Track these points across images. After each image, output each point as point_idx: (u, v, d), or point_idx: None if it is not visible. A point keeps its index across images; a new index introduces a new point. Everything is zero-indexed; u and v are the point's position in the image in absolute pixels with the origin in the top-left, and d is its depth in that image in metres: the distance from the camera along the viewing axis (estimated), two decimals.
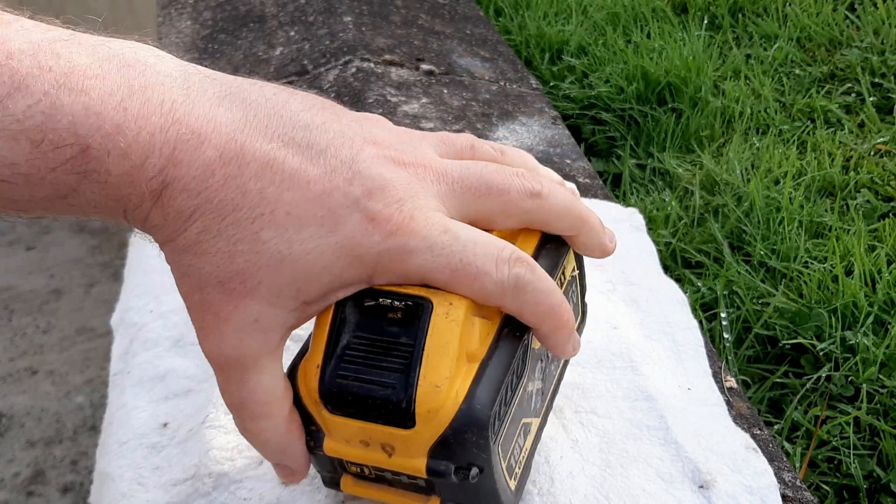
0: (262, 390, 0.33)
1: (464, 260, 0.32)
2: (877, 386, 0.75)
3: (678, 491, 0.40)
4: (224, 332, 0.32)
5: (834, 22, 1.40)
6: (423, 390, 0.31)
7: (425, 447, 0.31)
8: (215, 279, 0.31)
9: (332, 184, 0.31)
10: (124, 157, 0.29)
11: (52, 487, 1.28)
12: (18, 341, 1.59)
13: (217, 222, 0.31)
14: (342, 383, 0.32)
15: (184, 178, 0.30)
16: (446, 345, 0.31)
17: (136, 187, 0.30)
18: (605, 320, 0.50)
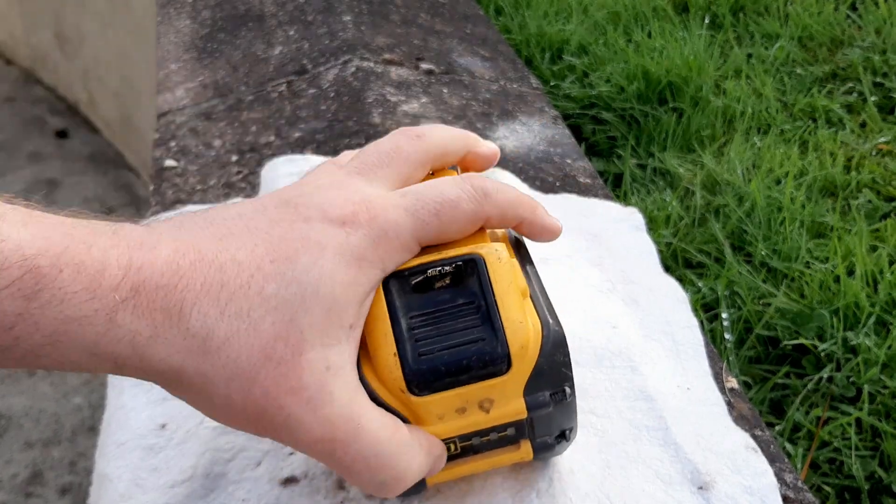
0: (380, 425, 0.31)
1: (438, 199, 0.33)
2: (878, 387, 0.75)
3: (678, 492, 0.40)
4: (312, 400, 0.30)
5: (835, 21, 1.40)
6: (511, 330, 0.32)
7: (521, 387, 0.33)
8: (259, 358, 0.29)
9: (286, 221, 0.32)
10: (79, 272, 0.27)
11: (51, 488, 1.28)
12: None
13: (214, 305, 0.29)
14: (429, 359, 0.32)
15: (152, 278, 0.29)
16: (509, 286, 0.33)
17: (101, 300, 0.28)
18: (604, 320, 0.50)
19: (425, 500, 0.39)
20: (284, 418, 0.30)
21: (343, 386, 0.30)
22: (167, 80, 0.87)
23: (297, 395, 0.29)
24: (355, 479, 0.32)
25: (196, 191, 0.67)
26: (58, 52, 2.68)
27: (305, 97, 0.79)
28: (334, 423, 0.30)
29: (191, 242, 0.30)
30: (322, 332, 0.30)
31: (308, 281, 0.30)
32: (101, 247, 0.28)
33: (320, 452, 0.31)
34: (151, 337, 0.29)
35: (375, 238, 0.32)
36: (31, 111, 2.70)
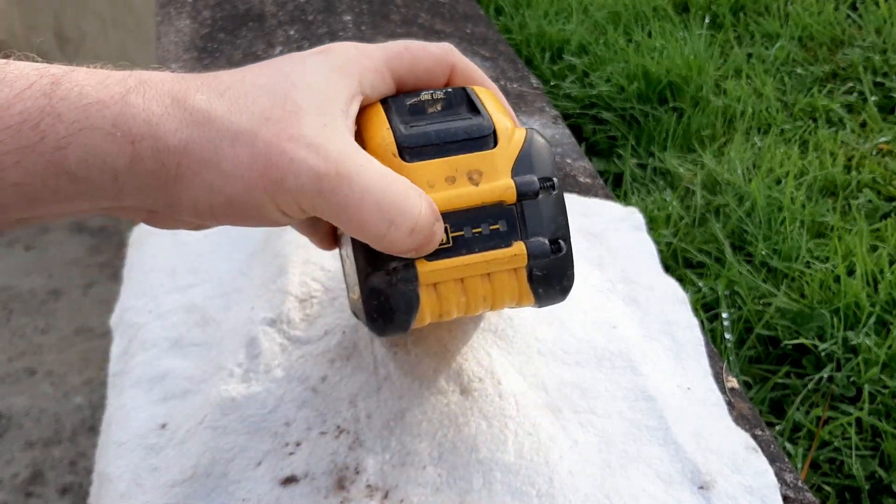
0: (383, 168, 0.33)
1: (406, 42, 0.37)
2: (879, 386, 0.75)
3: (678, 492, 0.40)
4: (312, 144, 0.31)
5: (836, 21, 1.40)
6: (495, 119, 0.36)
7: (509, 164, 0.35)
8: (259, 119, 0.32)
9: (276, 60, 0.35)
10: (89, 74, 0.31)
11: (51, 488, 1.28)
12: (17, 342, 1.59)
13: (214, 92, 0.32)
14: (420, 129, 0.35)
15: (155, 76, 0.32)
16: (494, 103, 0.37)
17: (113, 88, 0.31)
18: (604, 319, 0.50)
19: (424, 499, 0.39)
20: (288, 162, 0.31)
21: (342, 138, 0.32)
22: None
23: (298, 141, 0.31)
24: (363, 221, 0.32)
25: None
26: (58, 52, 2.68)
27: None
28: (338, 160, 0.31)
29: (184, 74, 0.34)
30: (317, 107, 0.32)
31: (296, 74, 0.33)
32: (103, 69, 0.32)
33: (328, 192, 0.31)
34: (162, 115, 0.31)
35: (350, 58, 0.35)
36: None
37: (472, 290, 0.36)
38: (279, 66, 0.34)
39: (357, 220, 0.32)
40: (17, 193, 0.30)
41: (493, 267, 0.35)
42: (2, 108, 0.29)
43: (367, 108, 0.36)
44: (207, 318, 0.52)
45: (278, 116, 0.32)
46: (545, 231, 0.36)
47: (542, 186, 0.35)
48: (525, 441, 0.41)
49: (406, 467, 0.40)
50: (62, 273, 1.81)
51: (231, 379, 0.46)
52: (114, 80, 0.31)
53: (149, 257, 0.58)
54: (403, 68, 0.37)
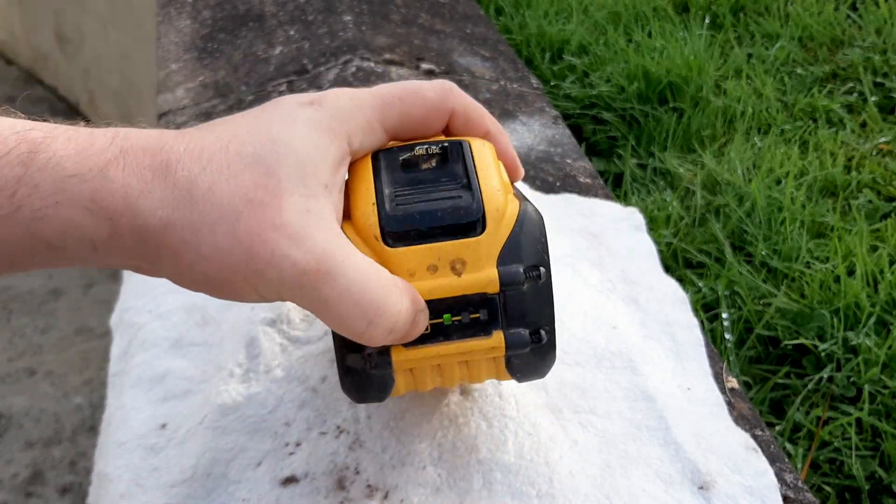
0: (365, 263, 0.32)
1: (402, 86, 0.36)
2: (879, 387, 0.75)
3: (678, 492, 0.40)
4: (294, 235, 0.30)
5: (836, 21, 1.40)
6: (487, 194, 0.33)
7: (495, 254, 0.33)
8: (241, 201, 0.30)
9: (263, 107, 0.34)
10: (70, 140, 0.30)
11: (51, 488, 1.28)
12: (17, 342, 1.59)
13: (197, 162, 0.31)
14: (405, 209, 0.33)
15: (138, 141, 0.31)
16: (489, 166, 0.34)
17: (93, 160, 0.30)
18: (604, 320, 0.50)
19: (424, 499, 0.39)
20: (269, 254, 0.30)
21: (325, 228, 0.31)
22: (168, 80, 0.87)
23: (281, 231, 0.30)
24: (343, 319, 0.31)
25: None
26: (58, 53, 2.68)
27: None
28: (319, 256, 0.30)
29: (172, 129, 0.33)
30: (299, 182, 0.31)
31: (282, 141, 0.32)
32: (85, 128, 0.31)
33: (307, 288, 0.31)
34: (142, 191, 0.30)
35: (340, 111, 0.34)
36: (32, 111, 2.69)
37: (449, 373, 0.36)
38: (267, 126, 0.33)
39: (336, 317, 0.31)
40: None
41: (471, 356, 0.35)
42: None
43: (357, 162, 0.35)
44: (207, 318, 0.52)
45: (260, 198, 0.30)
46: (527, 321, 0.34)
47: (528, 276, 0.33)
48: (525, 441, 0.41)
49: (406, 467, 0.40)
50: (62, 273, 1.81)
51: (231, 379, 0.46)
52: (95, 149, 0.30)
53: None
54: (396, 119, 0.35)
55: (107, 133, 0.31)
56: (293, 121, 0.33)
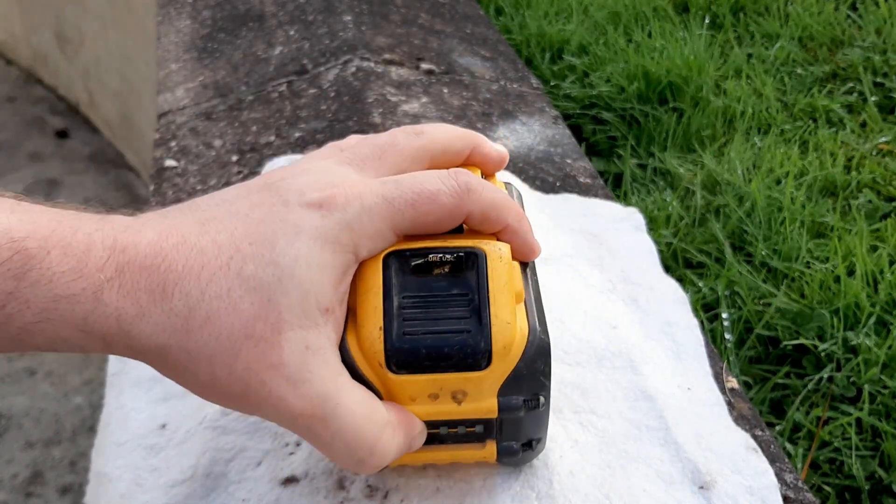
0: (361, 404, 0.32)
1: (415, 190, 0.33)
2: (879, 387, 0.75)
3: (678, 492, 0.40)
4: (292, 377, 0.30)
5: (836, 21, 1.40)
6: (497, 328, 0.32)
7: (496, 386, 0.33)
8: (240, 336, 0.30)
9: (266, 204, 0.32)
10: (65, 254, 0.29)
11: (51, 488, 1.28)
12: None
13: (196, 285, 0.30)
14: (412, 339, 0.32)
15: (136, 259, 0.30)
16: (504, 286, 0.33)
17: (87, 280, 0.29)
18: (604, 320, 0.50)
19: (424, 499, 0.39)
20: (266, 394, 0.30)
21: (323, 365, 0.31)
22: (167, 80, 0.87)
23: (278, 371, 0.30)
24: (334, 456, 0.32)
25: (196, 191, 0.67)
26: (58, 53, 2.68)
27: (306, 97, 0.79)
28: (314, 401, 0.30)
29: (174, 227, 0.31)
30: (300, 314, 0.31)
31: (285, 263, 0.31)
32: (86, 230, 0.30)
33: (301, 427, 0.31)
34: (137, 316, 0.29)
35: (349, 222, 0.32)
36: (32, 111, 2.70)
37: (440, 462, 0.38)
38: (272, 240, 0.31)
39: (329, 453, 0.32)
40: None
41: (461, 459, 0.36)
42: None
43: (367, 263, 0.34)
44: None
45: (260, 334, 0.30)
46: (521, 437, 0.36)
47: (527, 405, 0.34)
48: None
49: (406, 468, 0.40)
50: None
51: None
52: (90, 267, 0.29)
53: None
54: (408, 224, 0.34)
55: (104, 245, 0.29)
56: (298, 233, 0.31)
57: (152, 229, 0.31)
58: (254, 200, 0.33)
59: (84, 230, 0.29)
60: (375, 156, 0.36)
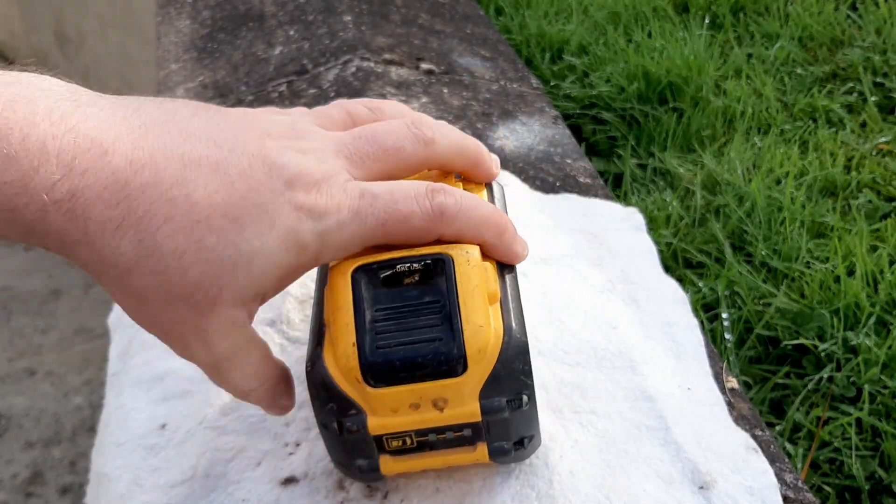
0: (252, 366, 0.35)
1: (388, 210, 0.34)
2: (879, 387, 0.75)
3: (678, 492, 0.40)
4: (209, 341, 0.33)
5: (836, 21, 1.40)
6: (470, 333, 0.33)
7: (476, 390, 0.33)
8: (178, 296, 0.30)
9: (254, 179, 0.32)
10: (11, 163, 0.26)
11: (51, 488, 1.28)
12: (17, 342, 1.58)
13: (152, 236, 0.29)
14: (385, 352, 0.32)
15: (93, 187, 0.28)
16: (475, 289, 0.33)
17: (33, 196, 0.27)
18: (604, 320, 0.50)
19: (424, 499, 0.39)
20: (182, 346, 0.33)
21: (239, 335, 0.33)
22: (167, 80, 0.87)
23: (199, 336, 0.32)
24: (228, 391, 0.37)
25: None
26: (58, 52, 2.68)
27: (306, 97, 0.79)
28: (218, 359, 0.34)
29: (150, 158, 0.29)
30: (238, 297, 0.32)
31: (245, 251, 0.31)
32: (39, 136, 0.27)
33: (207, 372, 0.35)
34: (80, 241, 0.28)
35: (321, 232, 0.33)
36: None
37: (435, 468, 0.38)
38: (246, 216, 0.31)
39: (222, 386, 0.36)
40: None
41: (454, 463, 0.37)
42: None
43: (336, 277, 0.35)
44: None
45: (196, 301, 0.31)
46: (511, 437, 0.36)
47: (511, 406, 0.34)
48: None
49: None
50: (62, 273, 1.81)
51: None
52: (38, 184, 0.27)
53: None
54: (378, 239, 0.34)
55: (60, 161, 0.27)
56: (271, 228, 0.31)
57: (121, 155, 0.29)
58: (244, 166, 0.32)
59: (37, 135, 0.27)
60: (376, 158, 0.36)
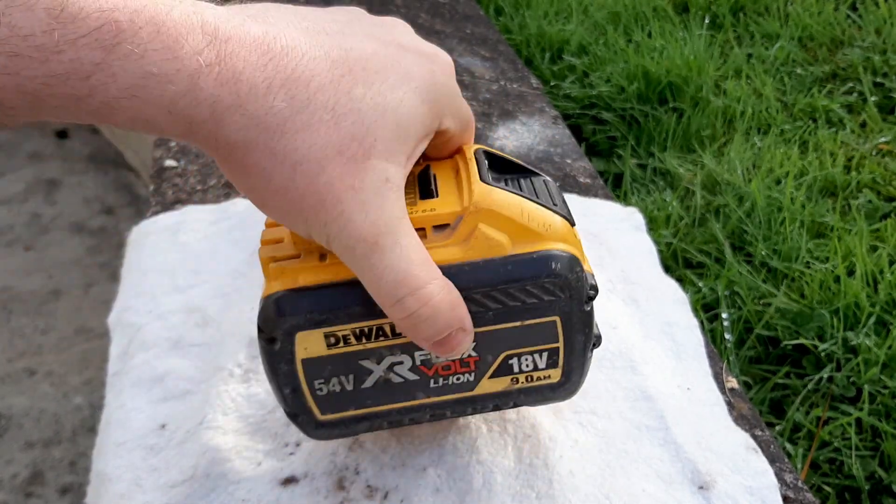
0: (418, 250, 0.32)
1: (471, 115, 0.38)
2: (878, 387, 0.75)
3: (678, 491, 0.40)
4: (366, 201, 0.31)
5: (836, 21, 1.40)
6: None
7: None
8: (333, 150, 0.30)
9: (378, 41, 0.33)
10: (159, 32, 0.27)
11: (51, 488, 1.28)
12: (17, 342, 1.58)
13: (303, 90, 0.30)
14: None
15: (239, 52, 0.29)
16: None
17: (184, 62, 0.27)
18: (604, 320, 0.50)
19: (424, 499, 0.39)
20: (338, 212, 0.30)
21: (395, 201, 0.32)
22: None
23: (357, 193, 0.30)
24: (379, 290, 0.32)
25: (196, 191, 0.67)
26: None
27: None
28: (380, 229, 0.31)
29: (282, 31, 0.30)
30: (390, 148, 0.31)
31: (391, 99, 0.31)
32: (183, 11, 0.28)
33: (359, 255, 0.31)
34: (232, 106, 0.29)
35: (447, 92, 0.34)
36: None
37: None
38: (384, 74, 0.32)
39: (374, 283, 0.32)
40: (54, 115, 0.28)
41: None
42: (52, 52, 0.26)
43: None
44: (207, 318, 0.52)
45: (352, 153, 0.30)
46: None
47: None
48: (524, 444, 0.41)
49: (406, 468, 0.40)
50: (62, 273, 1.81)
51: (231, 379, 0.46)
52: (188, 50, 0.28)
53: (147, 258, 0.58)
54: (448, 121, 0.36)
55: (205, 30, 0.28)
56: (408, 79, 0.32)
57: (258, 27, 0.30)
58: (367, 30, 0.33)
59: (180, 10, 0.28)
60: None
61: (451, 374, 0.36)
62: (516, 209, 0.34)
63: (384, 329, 0.34)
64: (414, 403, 0.36)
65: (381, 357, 0.35)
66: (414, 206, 0.35)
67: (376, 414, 0.36)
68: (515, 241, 0.34)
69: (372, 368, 0.35)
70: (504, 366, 0.36)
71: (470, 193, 0.34)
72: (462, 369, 0.36)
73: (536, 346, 0.35)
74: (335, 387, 0.35)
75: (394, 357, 0.35)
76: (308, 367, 0.34)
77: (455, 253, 0.34)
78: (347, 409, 0.36)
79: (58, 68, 0.26)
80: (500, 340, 0.35)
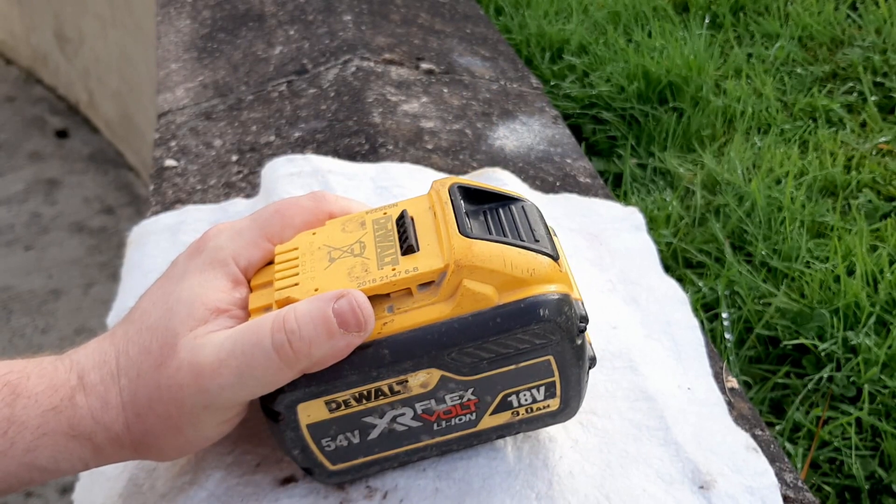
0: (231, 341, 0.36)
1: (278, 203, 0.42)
2: (879, 386, 0.75)
3: (678, 492, 0.40)
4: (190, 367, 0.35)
5: (836, 21, 1.40)
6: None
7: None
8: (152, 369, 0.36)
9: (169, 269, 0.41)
10: (41, 376, 0.36)
11: (51, 488, 1.28)
12: (17, 342, 1.58)
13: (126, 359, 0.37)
14: None
15: (87, 364, 0.37)
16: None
17: (61, 391, 0.36)
18: (604, 320, 0.50)
19: (423, 499, 0.39)
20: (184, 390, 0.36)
21: (211, 343, 0.36)
22: (167, 79, 0.87)
23: (181, 371, 0.35)
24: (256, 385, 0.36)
25: (196, 191, 0.67)
26: (58, 52, 2.68)
27: (306, 97, 0.79)
28: (220, 356, 0.35)
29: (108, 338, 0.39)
30: (187, 320, 0.36)
31: (174, 298, 0.37)
32: (48, 360, 0.38)
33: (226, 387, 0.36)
34: (102, 407, 0.36)
35: (220, 248, 0.39)
36: (32, 111, 2.70)
37: None
38: (167, 291, 0.38)
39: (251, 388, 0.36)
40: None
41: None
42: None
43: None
44: None
45: (165, 356, 0.36)
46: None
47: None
48: (524, 445, 0.41)
49: (405, 468, 0.40)
50: (62, 273, 1.81)
51: None
52: (60, 380, 0.36)
53: (148, 258, 0.58)
54: (277, 229, 0.40)
55: (63, 364, 0.37)
56: (184, 275, 0.38)
57: (91, 345, 0.38)
58: (163, 279, 0.40)
59: (46, 360, 0.37)
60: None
61: (453, 417, 0.37)
62: (498, 260, 0.34)
63: (382, 389, 0.35)
64: (420, 445, 0.38)
65: (382, 412, 0.36)
66: (396, 266, 0.35)
67: (385, 458, 0.38)
68: (502, 291, 0.34)
69: (375, 423, 0.36)
70: (504, 403, 0.37)
71: (451, 249, 0.35)
72: (463, 411, 0.37)
73: (533, 382, 0.36)
74: (342, 441, 0.37)
75: (395, 411, 0.36)
76: (313, 430, 0.36)
77: (443, 310, 0.34)
78: (357, 458, 0.38)
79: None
80: (497, 383, 0.36)
